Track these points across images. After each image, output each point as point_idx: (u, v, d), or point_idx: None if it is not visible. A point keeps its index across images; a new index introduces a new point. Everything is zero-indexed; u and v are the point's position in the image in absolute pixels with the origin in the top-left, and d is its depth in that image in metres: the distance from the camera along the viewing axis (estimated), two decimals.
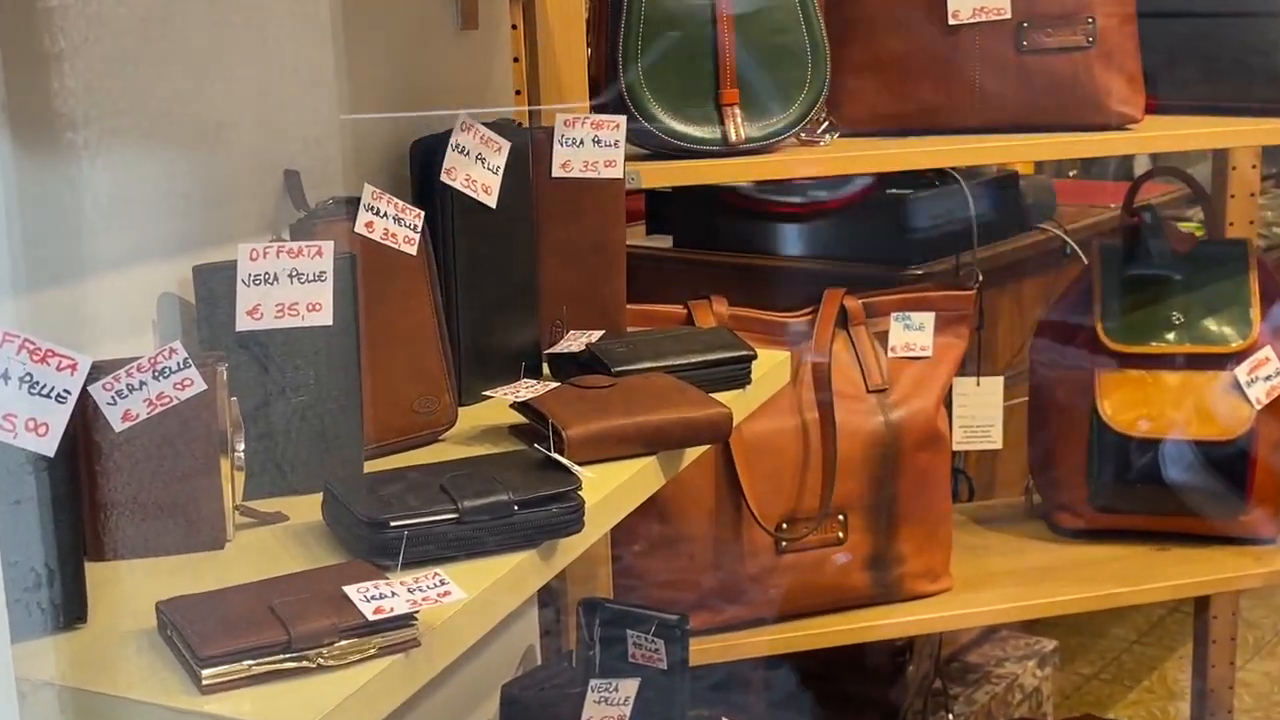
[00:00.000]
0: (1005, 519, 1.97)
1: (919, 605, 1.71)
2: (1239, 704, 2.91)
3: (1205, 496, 1.79)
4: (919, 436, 1.68)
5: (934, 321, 1.71)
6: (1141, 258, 1.84)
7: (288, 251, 1.03)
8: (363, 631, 0.82)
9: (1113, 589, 1.74)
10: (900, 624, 1.69)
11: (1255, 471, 1.78)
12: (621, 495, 1.11)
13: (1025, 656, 2.51)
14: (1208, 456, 1.77)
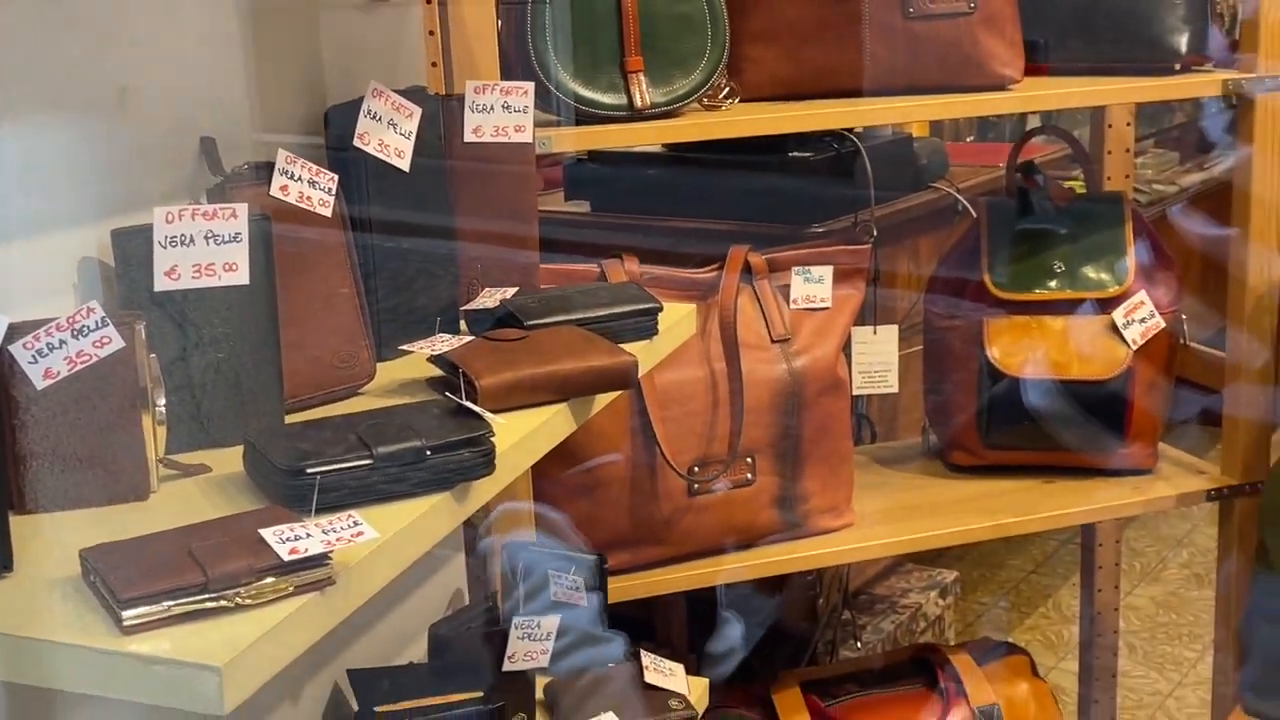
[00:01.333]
0: (904, 459, 1.98)
1: (824, 540, 1.71)
2: (1126, 625, 2.98)
3: (1087, 432, 1.81)
4: (820, 382, 1.68)
5: (832, 275, 1.71)
6: (1025, 212, 1.86)
7: (203, 214, 1.01)
8: (278, 571, 0.81)
9: (1002, 520, 1.76)
10: (806, 558, 1.70)
11: (1132, 408, 1.80)
12: (533, 440, 1.10)
13: (928, 587, 2.54)
14: (1089, 395, 1.79)
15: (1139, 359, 1.79)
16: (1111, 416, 1.80)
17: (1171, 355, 1.84)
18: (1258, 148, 1.72)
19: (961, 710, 1.81)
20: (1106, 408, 1.79)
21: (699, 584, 1.64)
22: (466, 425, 0.99)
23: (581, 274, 1.59)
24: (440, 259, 1.30)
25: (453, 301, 1.32)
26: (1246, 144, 1.73)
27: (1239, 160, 1.76)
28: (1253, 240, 1.74)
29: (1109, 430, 1.81)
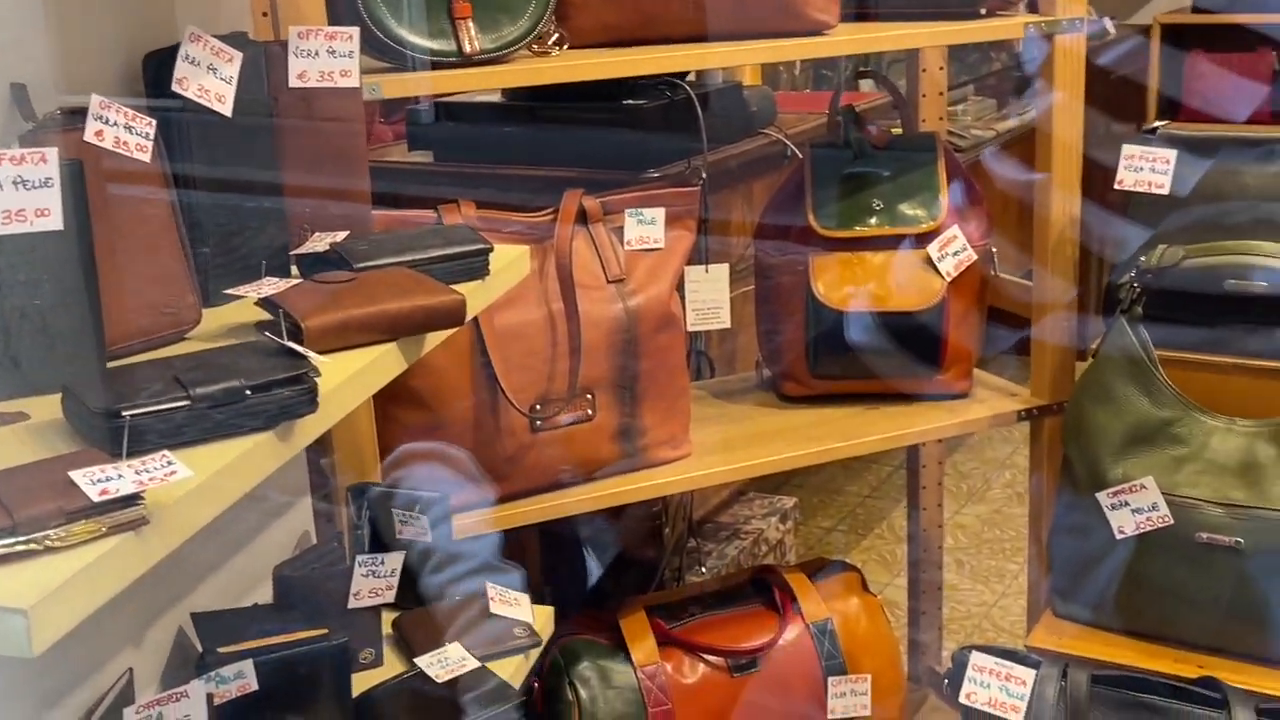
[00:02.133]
0: (740, 392, 1.99)
1: (663, 470, 1.72)
2: (954, 542, 3.07)
3: (907, 360, 1.84)
4: (655, 320, 1.68)
5: (664, 217, 1.70)
6: (844, 153, 1.87)
7: (10, 159, 0.95)
8: (89, 513, 0.77)
9: (829, 445, 1.78)
10: (646, 487, 1.70)
11: (947, 336, 1.84)
12: (361, 379, 1.07)
13: (769, 514, 2.57)
14: (907, 325, 1.82)
15: (953, 290, 1.82)
16: (929, 344, 1.83)
17: (983, 286, 1.88)
18: (1058, 89, 1.75)
19: (797, 625, 1.84)
20: (924, 336, 1.82)
21: (543, 518, 1.63)
22: (288, 364, 0.96)
23: (417, 220, 1.55)
24: (268, 205, 1.26)
25: (283, 247, 1.28)
26: (1048, 87, 1.76)
27: (1043, 102, 1.80)
28: (1054, 179, 1.77)
29: (927, 358, 1.84)
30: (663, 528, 2.21)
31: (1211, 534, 1.54)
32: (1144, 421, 1.60)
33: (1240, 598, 1.54)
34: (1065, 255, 1.82)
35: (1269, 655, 1.57)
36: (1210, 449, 1.58)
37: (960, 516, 3.18)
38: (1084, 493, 1.63)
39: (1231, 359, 1.65)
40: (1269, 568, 1.51)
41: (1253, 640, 1.56)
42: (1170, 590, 1.59)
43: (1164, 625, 1.62)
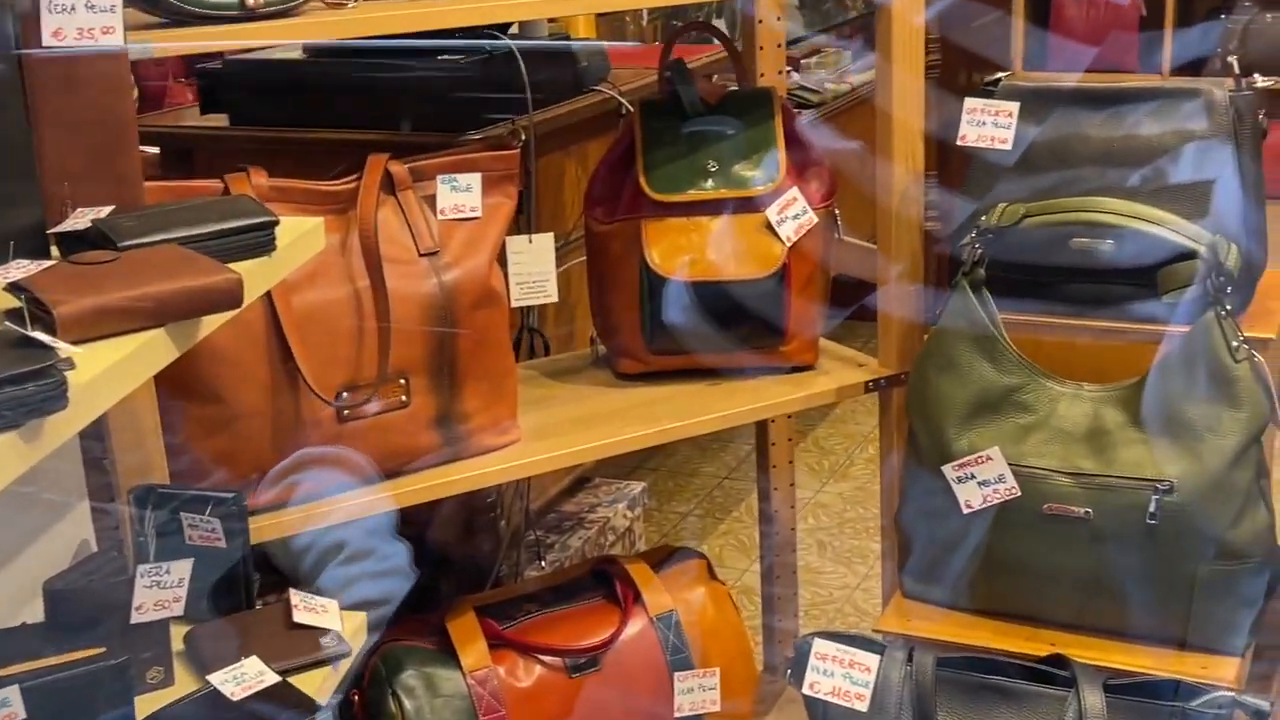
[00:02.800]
0: (573, 371, 2.00)
1: (489, 459, 1.72)
2: (816, 522, 3.13)
3: (749, 331, 1.87)
4: (474, 295, 1.67)
5: (480, 182, 1.70)
6: (676, 112, 1.88)
7: None
8: None
9: (667, 425, 1.80)
10: (470, 478, 1.70)
11: (790, 304, 1.87)
12: (124, 370, 1.05)
13: (616, 500, 2.59)
14: (747, 294, 1.84)
15: (795, 256, 1.85)
16: (770, 314, 1.86)
17: (826, 251, 1.92)
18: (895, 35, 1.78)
19: (639, 619, 1.85)
20: (765, 306, 1.85)
21: (355, 515, 1.62)
22: (34, 356, 0.93)
23: (200, 190, 1.52)
24: (18, 177, 1.21)
25: (39, 224, 1.24)
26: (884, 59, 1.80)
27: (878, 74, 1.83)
28: (894, 136, 1.82)
29: (769, 328, 1.87)
30: (498, 520, 2.21)
31: (1060, 505, 1.60)
32: (989, 389, 1.66)
33: (1091, 571, 1.61)
34: (909, 217, 1.86)
35: (1120, 629, 1.64)
36: (1057, 416, 1.64)
37: (822, 495, 3.24)
38: (930, 466, 1.68)
39: (1079, 321, 1.71)
40: (1118, 538, 1.58)
41: (1104, 614, 1.63)
42: (1020, 566, 1.65)
43: (1016, 603, 1.68)
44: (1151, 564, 1.58)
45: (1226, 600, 1.59)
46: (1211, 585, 1.58)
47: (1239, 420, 1.55)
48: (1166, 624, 1.61)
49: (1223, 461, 1.55)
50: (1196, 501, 1.55)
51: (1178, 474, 1.55)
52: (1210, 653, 1.61)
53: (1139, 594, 1.60)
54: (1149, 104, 1.72)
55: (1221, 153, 1.66)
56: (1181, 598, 1.58)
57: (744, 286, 1.83)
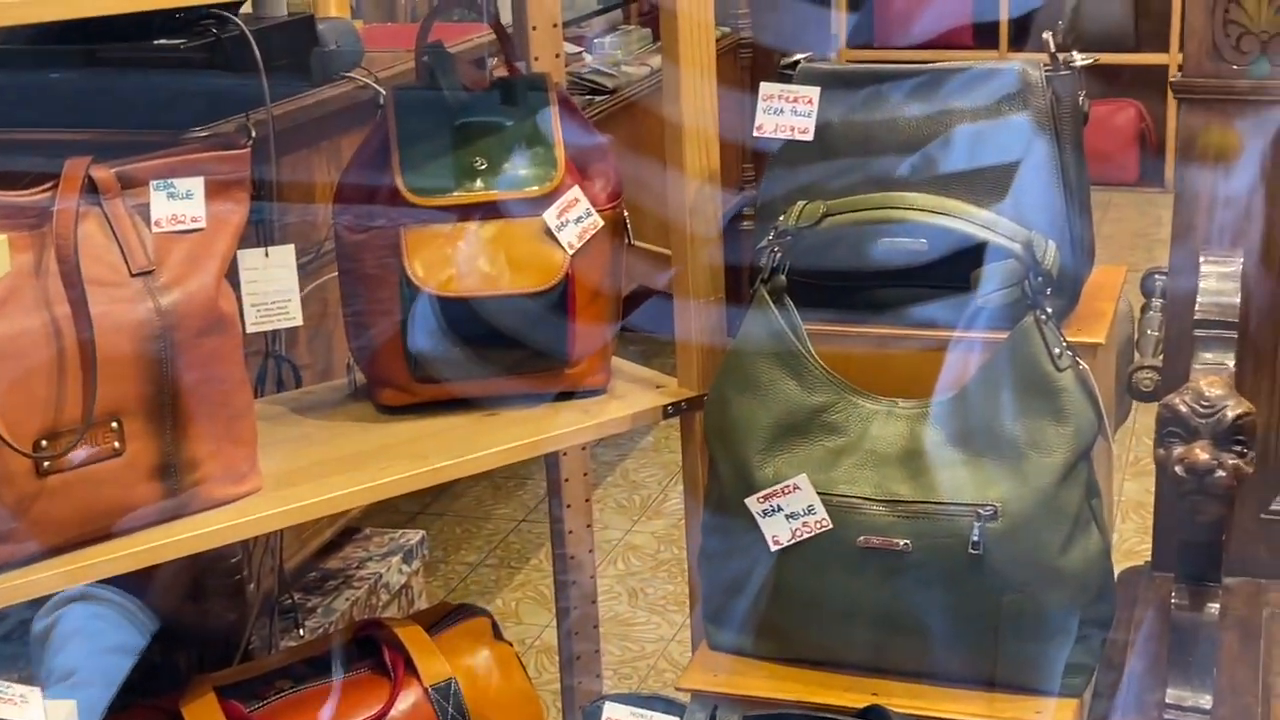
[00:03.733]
0: (327, 405, 1.97)
1: (223, 513, 1.68)
2: (626, 567, 3.16)
3: (529, 352, 1.87)
4: (200, 321, 1.64)
5: (204, 187, 1.67)
6: (438, 102, 1.88)
7: None
8: None
9: (438, 464, 1.79)
10: (202, 536, 1.66)
11: (575, 319, 1.88)
12: None
13: (389, 553, 2.57)
14: (526, 310, 1.85)
15: (579, 264, 1.86)
16: (553, 332, 1.87)
17: (615, 258, 1.94)
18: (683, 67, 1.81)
19: (413, 691, 1.84)
20: (546, 323, 1.86)
21: (57, 587, 1.57)
22: None
23: None
24: None
25: None
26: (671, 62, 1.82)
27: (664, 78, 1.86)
28: (686, 127, 1.85)
29: (552, 348, 1.88)
30: (245, 583, 2.17)
31: (876, 537, 1.65)
32: (794, 410, 1.69)
33: (913, 609, 1.66)
34: (706, 218, 1.90)
35: (950, 673, 1.69)
36: (870, 437, 1.69)
37: (633, 535, 3.28)
38: (732, 499, 1.71)
39: (891, 331, 1.76)
40: (939, 572, 1.63)
41: (927, 657, 1.67)
42: (835, 607, 1.68)
43: (833, 649, 1.72)
44: (978, 598, 1.63)
45: (1060, 635, 1.65)
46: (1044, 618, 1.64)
47: (1065, 435, 1.61)
48: (998, 664, 1.66)
49: (1050, 481, 1.61)
50: (1023, 526, 1.60)
51: (1001, 497, 1.61)
52: (1046, 695, 1.67)
53: (966, 633, 1.66)
54: (961, 86, 1.78)
55: (1039, 140, 1.73)
56: (1012, 634, 1.64)
57: (521, 302, 1.84)
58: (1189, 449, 1.49)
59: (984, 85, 1.77)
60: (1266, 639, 1.74)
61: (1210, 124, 1.80)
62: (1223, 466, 1.47)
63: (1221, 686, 1.63)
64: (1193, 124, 1.80)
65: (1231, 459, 1.48)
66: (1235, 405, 1.49)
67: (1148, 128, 6.08)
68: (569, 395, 1.94)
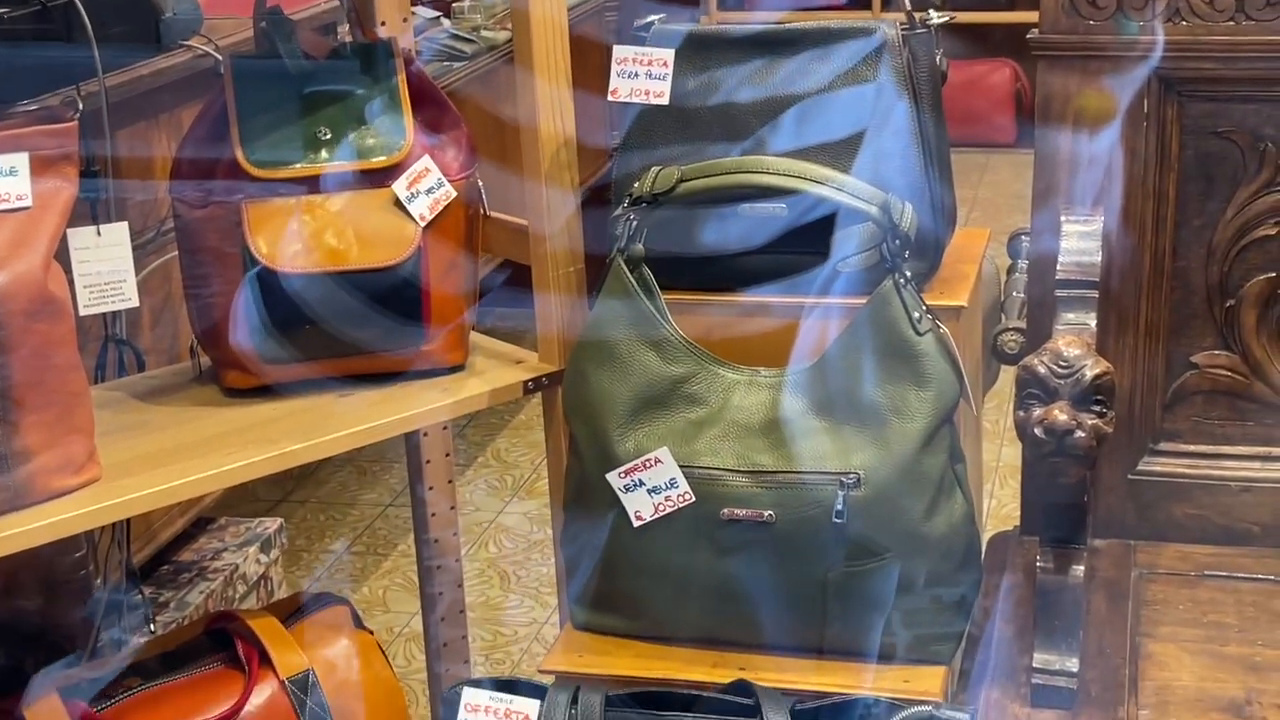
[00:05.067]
0: (171, 389, 1.95)
1: (59, 504, 1.65)
2: (498, 550, 3.16)
3: (382, 330, 1.86)
4: (27, 304, 1.61)
5: (29, 163, 1.64)
6: (277, 69, 1.86)
7: None
8: None
9: (288, 448, 1.78)
10: (37, 529, 1.63)
11: (430, 294, 1.87)
12: None
13: (246, 542, 2.55)
14: (376, 285, 1.84)
15: (432, 237, 1.86)
16: (406, 308, 1.86)
17: (471, 229, 1.93)
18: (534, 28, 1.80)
19: (269, 684, 1.83)
20: (399, 298, 1.85)
21: None
22: None
23: None
24: None
25: None
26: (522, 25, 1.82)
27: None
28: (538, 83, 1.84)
29: (406, 324, 1.87)
30: (90, 578, 2.14)
31: (739, 508, 1.66)
32: (654, 382, 1.70)
33: (779, 581, 1.68)
34: (563, 183, 1.90)
35: (818, 645, 1.72)
36: (732, 408, 1.70)
37: (505, 517, 3.28)
38: (594, 475, 1.72)
39: (750, 299, 1.78)
40: (804, 543, 1.65)
41: (794, 629, 1.70)
42: (700, 583, 1.70)
43: (698, 625, 1.74)
44: (843, 568, 1.65)
45: (928, 601, 1.69)
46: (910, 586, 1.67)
47: (926, 400, 1.64)
48: (866, 634, 1.69)
49: (912, 447, 1.64)
50: (887, 493, 1.63)
51: (864, 464, 1.64)
52: (914, 664, 1.70)
53: (833, 603, 1.68)
54: (818, 48, 1.80)
55: (896, 101, 1.76)
56: (879, 603, 1.67)
57: (372, 277, 1.83)
58: (1048, 410, 1.52)
59: (841, 45, 1.79)
60: (1135, 600, 1.78)
61: (1068, 82, 1.83)
62: (1082, 427, 1.51)
63: (1089, 649, 1.67)
64: (1051, 82, 1.84)
65: (1091, 419, 1.51)
66: (1094, 365, 1.53)
67: (1023, 88, 6.16)
68: (426, 373, 1.93)
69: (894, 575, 1.66)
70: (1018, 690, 1.62)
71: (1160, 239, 1.84)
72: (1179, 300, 1.86)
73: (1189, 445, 1.89)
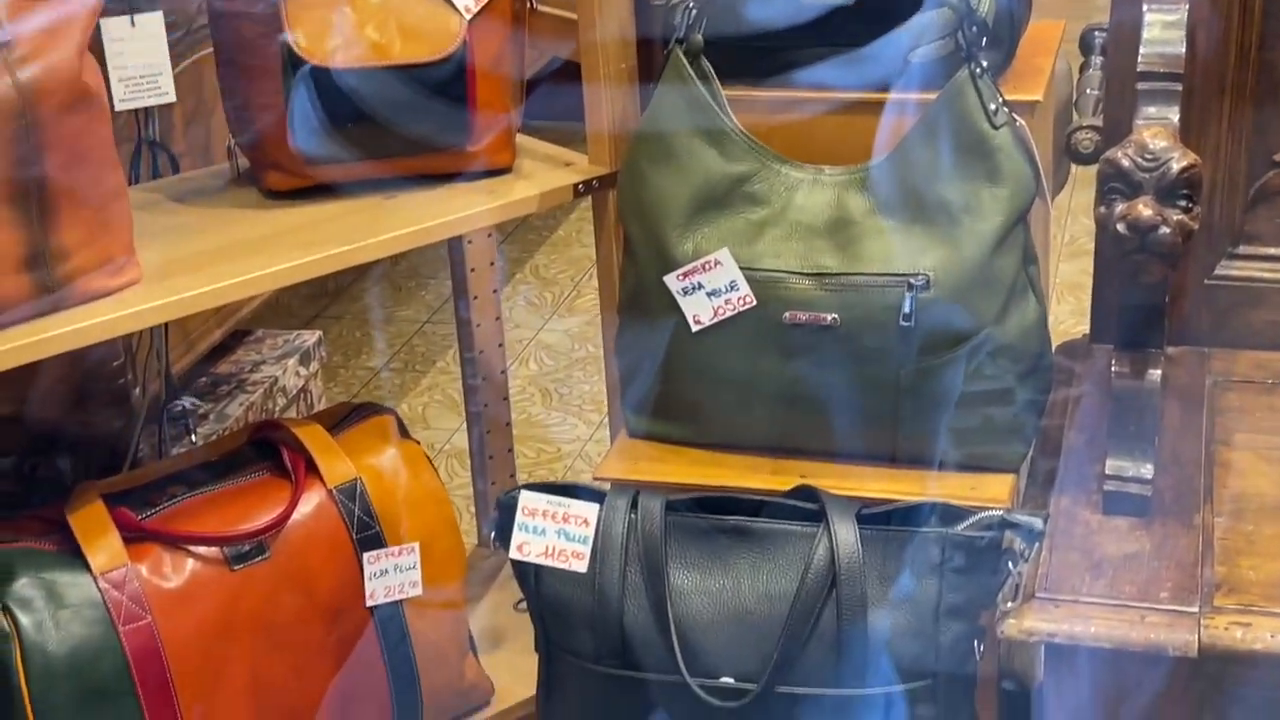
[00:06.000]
0: (209, 191, 1.94)
1: (99, 306, 1.65)
2: (539, 368, 3.16)
3: (426, 128, 1.84)
4: (62, 97, 1.58)
5: None
6: None
7: None
8: None
9: (332, 250, 1.76)
10: (77, 331, 1.62)
11: (475, 90, 1.84)
12: None
13: (285, 355, 2.55)
14: (421, 81, 1.80)
15: (477, 30, 1.82)
16: (451, 105, 1.83)
17: (517, 22, 1.89)
18: None
19: (316, 492, 1.84)
20: (443, 95, 1.82)
21: None
22: None
23: None
24: None
25: None
26: None
27: None
28: None
29: (450, 122, 1.84)
30: (129, 387, 2.14)
31: (802, 312, 1.65)
32: (714, 181, 1.68)
33: (839, 386, 1.67)
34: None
35: (880, 451, 1.71)
36: (795, 207, 1.67)
37: (546, 334, 3.27)
38: (650, 278, 1.70)
39: (815, 94, 1.74)
40: (869, 347, 1.64)
41: (856, 435, 1.69)
42: (760, 389, 1.69)
43: (758, 433, 1.73)
44: (910, 373, 1.64)
45: (998, 406, 1.67)
46: (980, 391, 1.65)
47: (1000, 198, 1.61)
48: (930, 441, 1.68)
49: (984, 248, 1.61)
50: (957, 295, 1.61)
51: (934, 265, 1.61)
52: (981, 472, 1.70)
53: (898, 410, 1.67)
54: None
55: None
56: (943, 408, 1.66)
57: (415, 72, 1.80)
58: (1132, 205, 1.48)
59: None
60: (1210, 408, 1.76)
61: None
62: (1167, 223, 1.47)
63: (1163, 457, 1.65)
64: None
65: (1176, 214, 1.48)
66: (1181, 157, 1.49)
67: None
68: (472, 176, 1.91)
69: (960, 380, 1.65)
70: (1088, 498, 1.61)
71: (1247, 30, 1.79)
72: (1264, 95, 1.81)
73: (1269, 248, 1.85)
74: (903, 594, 1.47)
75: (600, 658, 1.50)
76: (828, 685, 1.46)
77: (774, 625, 1.47)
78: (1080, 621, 1.45)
